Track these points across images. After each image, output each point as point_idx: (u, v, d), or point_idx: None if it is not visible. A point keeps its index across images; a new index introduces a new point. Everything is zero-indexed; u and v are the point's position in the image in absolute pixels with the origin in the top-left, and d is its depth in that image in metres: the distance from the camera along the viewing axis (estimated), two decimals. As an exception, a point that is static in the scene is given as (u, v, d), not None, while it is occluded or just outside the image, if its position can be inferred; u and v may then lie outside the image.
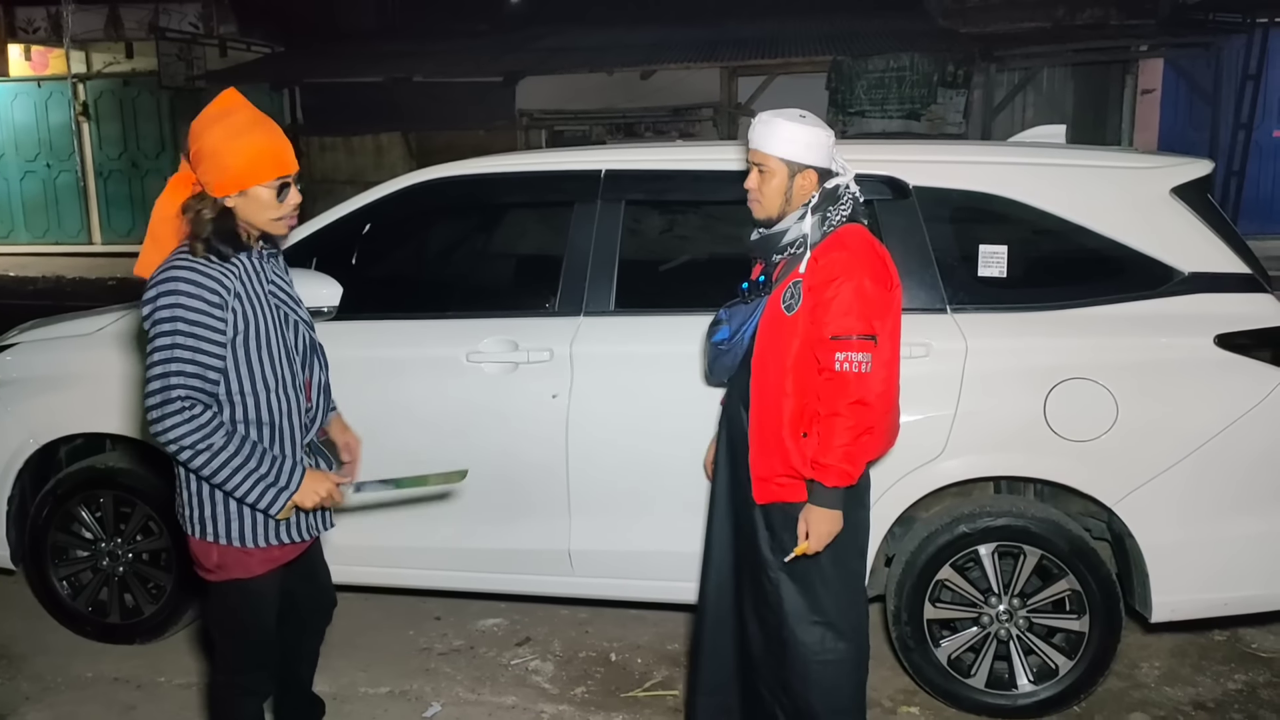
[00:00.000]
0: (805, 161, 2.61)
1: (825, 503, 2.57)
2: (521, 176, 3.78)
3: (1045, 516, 3.26)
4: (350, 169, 14.88)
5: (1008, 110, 12.92)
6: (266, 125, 2.36)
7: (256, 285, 2.41)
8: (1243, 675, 3.65)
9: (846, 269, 2.54)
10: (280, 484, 2.36)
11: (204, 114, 2.35)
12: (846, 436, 2.52)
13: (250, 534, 2.43)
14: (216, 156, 2.29)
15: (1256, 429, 3.10)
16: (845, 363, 2.51)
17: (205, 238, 2.30)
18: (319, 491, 2.42)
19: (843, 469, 2.53)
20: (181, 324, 2.25)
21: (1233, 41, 12.33)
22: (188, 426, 2.25)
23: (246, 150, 2.30)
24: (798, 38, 13.58)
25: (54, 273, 14.04)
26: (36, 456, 3.87)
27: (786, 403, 2.60)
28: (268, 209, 2.36)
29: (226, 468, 2.29)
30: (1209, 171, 3.37)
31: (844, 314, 2.52)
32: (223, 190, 2.31)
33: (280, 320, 2.46)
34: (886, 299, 2.58)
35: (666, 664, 3.77)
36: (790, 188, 2.64)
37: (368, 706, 3.51)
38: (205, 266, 2.30)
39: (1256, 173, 12.63)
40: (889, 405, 2.66)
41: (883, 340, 2.57)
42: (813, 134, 2.61)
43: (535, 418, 3.44)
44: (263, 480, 2.33)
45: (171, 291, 2.26)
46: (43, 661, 3.82)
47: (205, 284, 2.28)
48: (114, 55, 15.71)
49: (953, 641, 3.36)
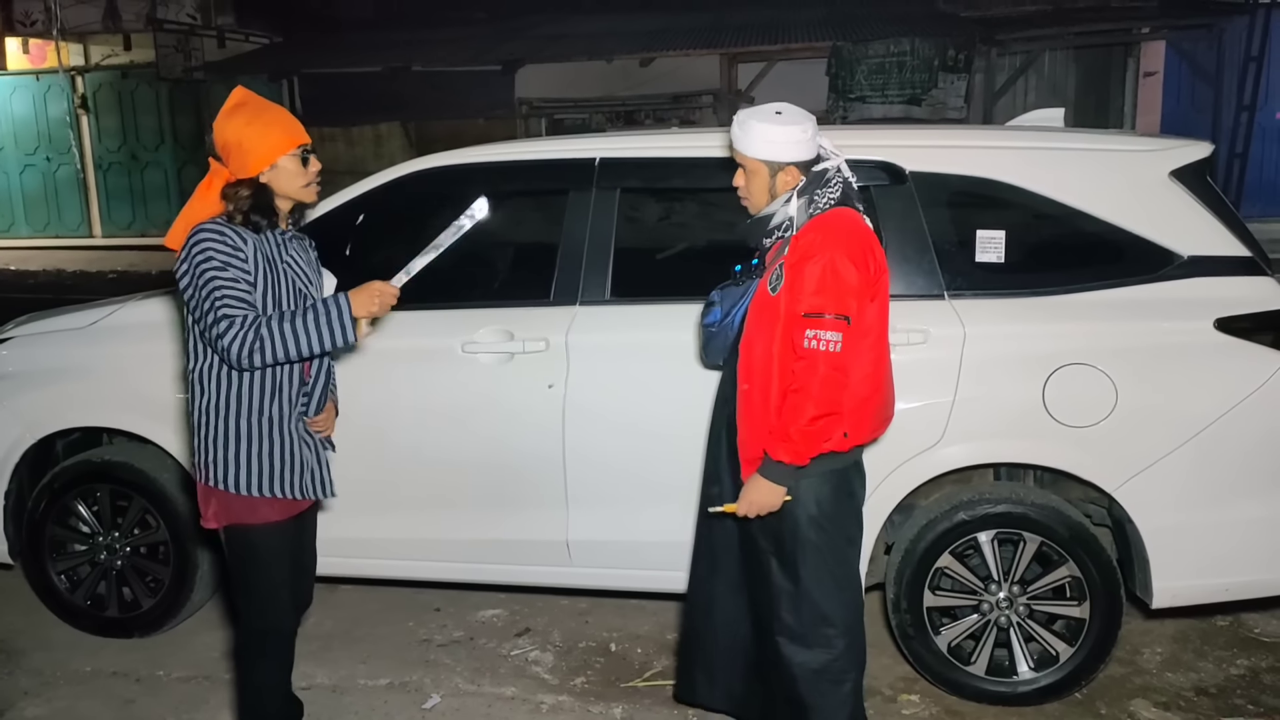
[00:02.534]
0: (784, 159, 2.62)
1: (769, 475, 2.56)
2: (515, 165, 3.75)
3: (1045, 503, 3.24)
4: (350, 159, 14.83)
5: (1009, 94, 12.85)
6: (276, 108, 2.68)
7: (275, 255, 2.64)
8: (1245, 660, 3.64)
9: (821, 247, 2.52)
10: (334, 315, 2.53)
11: (221, 114, 2.62)
12: (808, 415, 2.50)
13: (247, 483, 2.63)
14: (241, 143, 2.57)
15: (1257, 413, 3.08)
16: (814, 340, 2.49)
17: (246, 211, 2.58)
18: (372, 297, 2.59)
19: (795, 447, 2.52)
20: (216, 260, 2.50)
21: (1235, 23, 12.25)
22: (242, 334, 2.47)
23: (265, 130, 2.58)
24: (798, 23, 13.51)
25: (54, 266, 14.02)
26: (33, 450, 3.87)
27: (772, 384, 2.59)
28: (296, 177, 2.63)
29: (288, 340, 2.50)
30: (1209, 154, 3.33)
31: (815, 291, 2.50)
32: (257, 168, 2.59)
33: (294, 294, 2.65)
34: (866, 281, 2.55)
35: (666, 654, 3.76)
36: (773, 185, 2.66)
37: (367, 698, 3.51)
38: (229, 227, 2.55)
39: (1260, 155, 12.56)
40: (875, 388, 2.64)
41: (864, 324, 2.55)
42: (787, 132, 2.60)
43: (531, 408, 3.43)
44: (320, 324, 2.52)
45: (200, 243, 2.52)
46: (41, 656, 3.81)
47: (230, 238, 2.54)
48: (112, 47, 15.64)
49: (953, 629, 3.35)
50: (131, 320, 3.82)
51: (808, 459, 2.55)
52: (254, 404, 2.62)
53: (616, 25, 14.35)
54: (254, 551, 2.71)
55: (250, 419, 2.62)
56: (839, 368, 2.49)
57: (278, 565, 2.74)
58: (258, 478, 2.64)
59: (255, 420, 2.62)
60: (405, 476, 3.57)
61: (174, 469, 3.73)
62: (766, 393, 2.59)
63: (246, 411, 2.61)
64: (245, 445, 2.62)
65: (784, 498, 2.59)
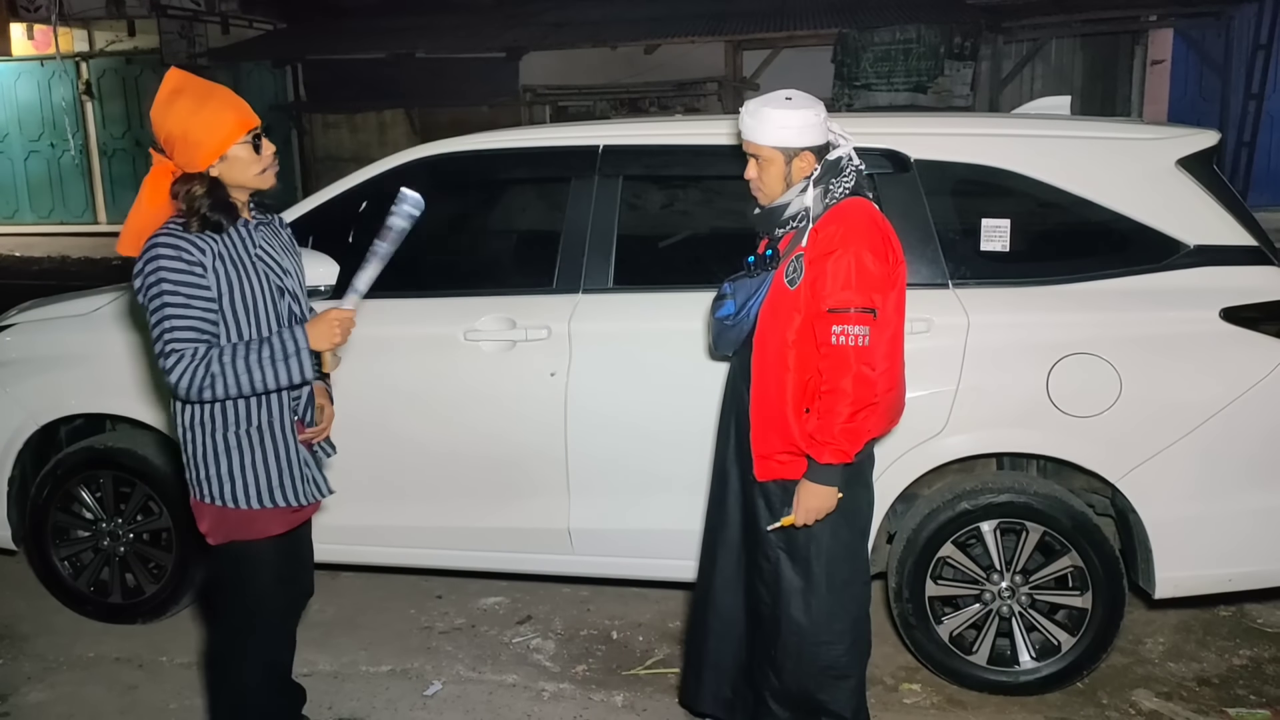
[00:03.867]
0: (799, 144, 2.58)
1: (819, 479, 2.55)
2: (518, 152, 3.73)
3: (1048, 493, 3.23)
4: (354, 146, 14.81)
5: (1015, 82, 12.78)
6: (218, 91, 2.44)
7: (242, 252, 2.47)
8: (1248, 650, 3.63)
9: (844, 241, 2.50)
10: (290, 350, 2.41)
11: (156, 102, 2.41)
12: (846, 413, 2.49)
13: (244, 496, 2.51)
14: (186, 136, 2.37)
15: (1262, 403, 3.07)
16: (842, 335, 2.48)
17: (202, 212, 2.39)
18: (332, 328, 2.46)
19: (839, 446, 2.50)
20: (166, 284, 2.34)
21: (1243, 11, 12.16)
22: (189, 369, 2.34)
23: (211, 119, 2.38)
24: (803, 10, 13.44)
25: (59, 252, 14.02)
26: (37, 437, 3.87)
27: (789, 378, 2.57)
28: (250, 165, 2.44)
29: (240, 376, 2.37)
30: (1215, 143, 3.31)
31: (842, 287, 2.48)
32: (205, 162, 2.39)
33: (270, 288, 2.50)
34: (886, 273, 2.54)
35: (668, 642, 3.76)
36: (789, 172, 2.62)
37: (369, 685, 3.51)
38: (179, 233, 2.38)
39: (1268, 144, 12.48)
40: (892, 381, 2.63)
41: (884, 315, 2.54)
42: (801, 116, 2.57)
43: (533, 396, 3.42)
44: (274, 360, 2.39)
45: (154, 259, 2.35)
46: (45, 641, 3.82)
47: (184, 247, 2.36)
48: (116, 33, 15.62)
49: (955, 618, 3.35)
50: (135, 306, 3.81)
51: (854, 455, 2.54)
52: (240, 414, 2.47)
53: (621, 12, 14.29)
54: (250, 564, 2.59)
55: (239, 430, 2.48)
56: (868, 361, 2.48)
57: (270, 575, 2.63)
58: (255, 489, 2.51)
59: (245, 431, 2.48)
60: (406, 464, 3.57)
61: (176, 455, 3.71)
62: (782, 387, 2.57)
63: (234, 423, 2.48)
64: (238, 458, 2.49)
65: (838, 496, 2.58)
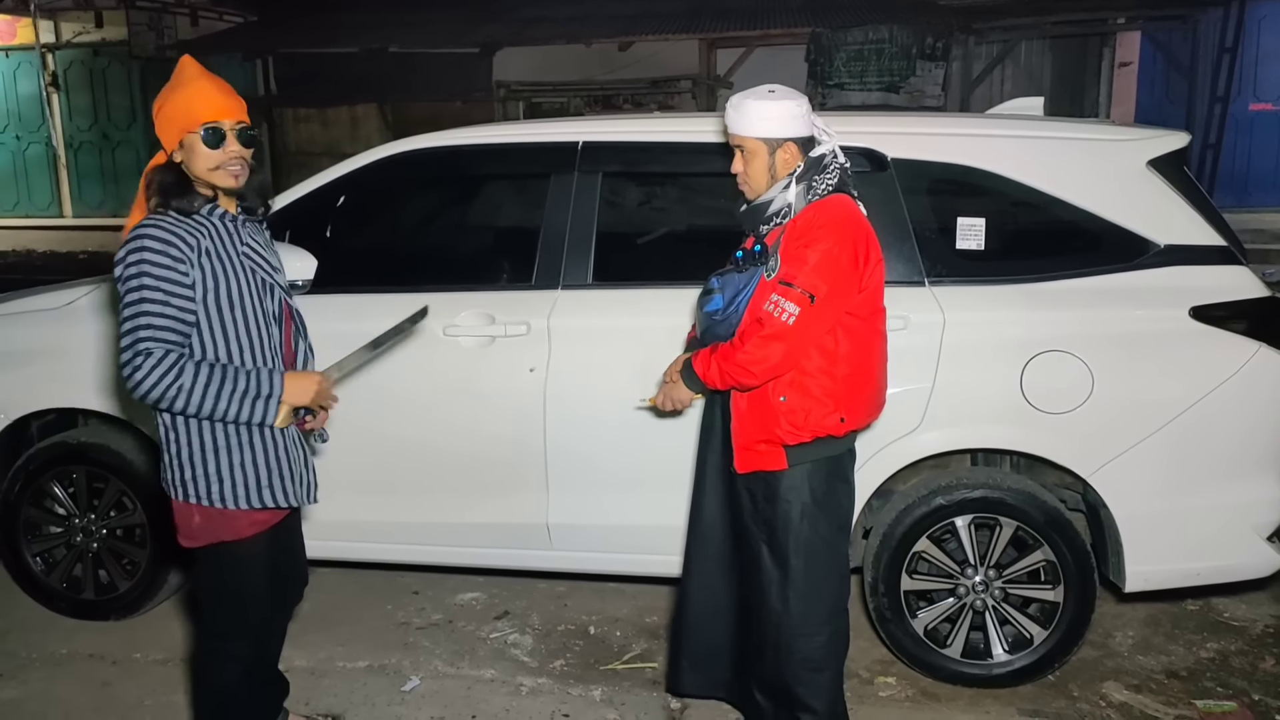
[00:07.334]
0: (783, 135, 2.60)
1: (688, 380, 2.73)
2: (498, 148, 3.74)
3: (1021, 488, 3.28)
4: (325, 140, 14.69)
5: (986, 83, 12.89)
6: (205, 78, 2.42)
7: (228, 247, 2.44)
8: (1215, 644, 3.70)
9: (813, 229, 2.54)
10: (264, 393, 2.39)
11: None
12: (731, 361, 2.57)
13: (233, 495, 2.47)
14: (160, 114, 2.40)
15: (1230, 400, 3.13)
16: (774, 305, 2.52)
17: (160, 196, 2.38)
18: (307, 389, 2.46)
19: (708, 373, 2.64)
20: (147, 278, 2.31)
21: (1210, 14, 12.31)
22: (157, 373, 2.29)
23: (179, 103, 2.38)
24: (777, 9, 13.49)
25: (24, 246, 13.80)
26: (8, 432, 3.83)
27: None
28: (203, 158, 2.39)
29: (206, 398, 2.33)
30: (1185, 144, 3.37)
31: (799, 265, 2.52)
32: (169, 145, 2.40)
33: (256, 284, 2.48)
34: (852, 268, 2.56)
35: (645, 636, 3.78)
36: (773, 164, 2.63)
37: (346, 680, 3.50)
38: (170, 223, 2.35)
39: (1233, 146, 12.63)
40: (864, 375, 2.66)
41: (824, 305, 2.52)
42: (784, 107, 2.59)
43: (513, 391, 3.42)
44: (246, 395, 2.37)
45: (137, 249, 2.32)
46: (16, 638, 3.79)
47: (169, 239, 2.33)
48: (83, 24, 15.38)
49: (929, 612, 3.39)
50: (108, 301, 3.78)
51: (712, 388, 2.67)
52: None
53: (595, 9, 14.26)
54: (242, 565, 2.55)
55: (226, 427, 2.43)
56: (781, 337, 2.51)
57: (263, 575, 2.60)
58: (244, 489, 2.46)
59: (232, 428, 2.43)
60: (384, 459, 3.56)
61: (150, 451, 3.70)
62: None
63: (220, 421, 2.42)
64: (227, 456, 2.44)
65: (695, 398, 2.76)
